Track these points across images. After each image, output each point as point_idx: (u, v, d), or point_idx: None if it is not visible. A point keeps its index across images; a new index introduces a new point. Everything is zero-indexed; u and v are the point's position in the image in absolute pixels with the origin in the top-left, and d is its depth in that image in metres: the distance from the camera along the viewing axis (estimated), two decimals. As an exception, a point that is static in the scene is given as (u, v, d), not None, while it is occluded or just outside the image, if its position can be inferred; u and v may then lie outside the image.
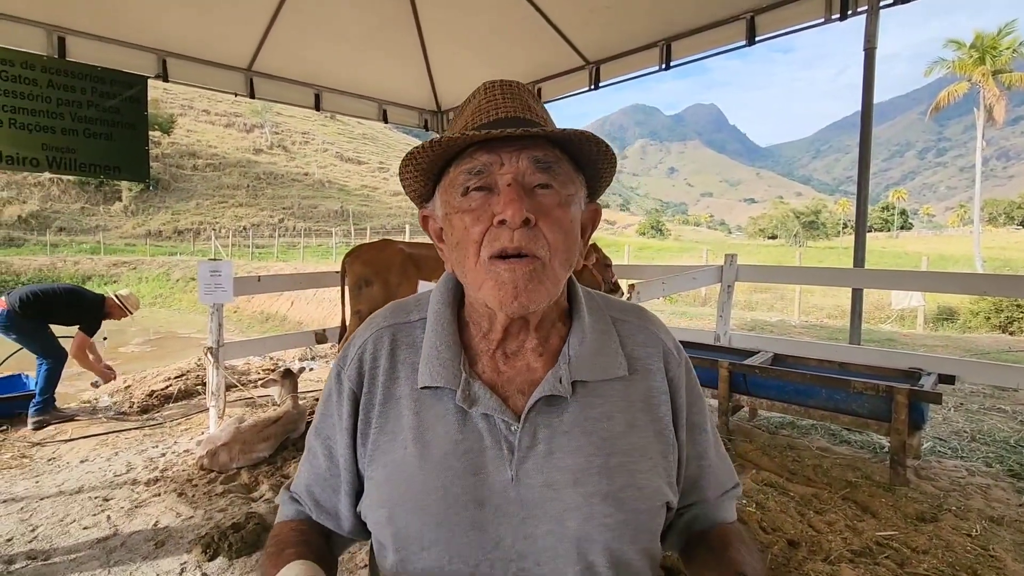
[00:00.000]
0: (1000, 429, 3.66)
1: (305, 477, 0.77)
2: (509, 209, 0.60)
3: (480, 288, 0.65)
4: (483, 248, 0.63)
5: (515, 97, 0.68)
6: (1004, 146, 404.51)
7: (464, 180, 0.64)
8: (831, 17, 3.29)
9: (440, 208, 0.70)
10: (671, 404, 0.73)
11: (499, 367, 0.70)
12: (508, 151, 0.63)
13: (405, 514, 0.64)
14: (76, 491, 2.70)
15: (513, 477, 0.64)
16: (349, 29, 4.47)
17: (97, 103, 3.92)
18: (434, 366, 0.68)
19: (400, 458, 0.66)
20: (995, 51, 33.41)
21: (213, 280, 3.36)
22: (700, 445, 0.76)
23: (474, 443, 0.65)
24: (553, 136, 0.63)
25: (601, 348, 0.70)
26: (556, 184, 0.64)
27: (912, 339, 8.50)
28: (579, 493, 0.63)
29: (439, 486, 0.63)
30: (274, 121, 63.00)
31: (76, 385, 5.67)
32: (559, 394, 0.66)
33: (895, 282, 4.27)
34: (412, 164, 0.67)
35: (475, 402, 0.66)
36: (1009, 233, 64.97)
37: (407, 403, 0.69)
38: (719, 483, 0.78)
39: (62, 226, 35.98)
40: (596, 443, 0.66)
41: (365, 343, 0.74)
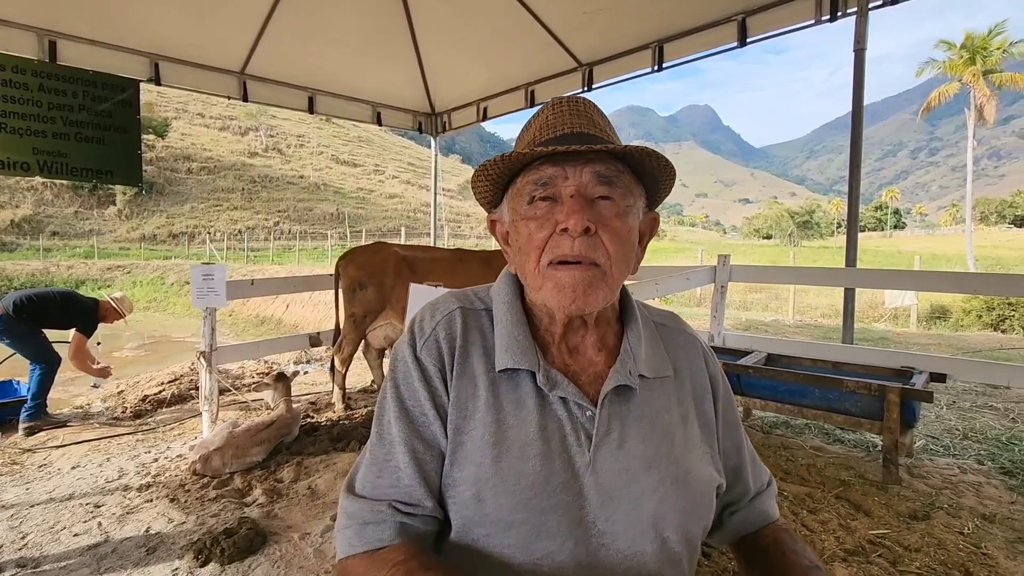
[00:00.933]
0: (992, 427, 3.68)
1: (406, 468, 0.68)
2: (572, 219, 0.65)
3: (540, 290, 0.70)
4: (545, 254, 0.69)
5: (581, 113, 0.73)
6: (995, 145, 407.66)
7: (531, 190, 0.70)
8: (821, 18, 3.31)
9: (508, 214, 0.76)
10: (712, 400, 0.80)
11: (565, 360, 0.74)
12: (573, 165, 0.68)
13: (495, 495, 0.66)
14: (67, 497, 2.68)
15: (591, 461, 0.68)
16: (342, 32, 4.47)
17: (89, 107, 3.91)
18: (515, 351, 0.71)
19: (480, 437, 0.68)
20: (985, 51, 33.68)
21: (206, 284, 3.34)
22: (737, 438, 0.83)
23: (555, 427, 0.69)
24: (615, 151, 0.68)
25: (653, 350, 0.77)
26: (616, 196, 0.69)
27: (905, 338, 8.55)
28: (653, 478, 0.69)
29: (528, 468, 0.66)
30: (269, 124, 62.84)
31: (69, 390, 5.63)
32: (630, 384, 0.71)
33: (887, 281, 4.30)
34: (484, 175, 0.73)
35: (555, 385, 0.70)
36: (1001, 232, 65.44)
37: (482, 383, 0.71)
38: (759, 476, 0.85)
39: (55, 230, 35.74)
40: (661, 433, 0.72)
41: (439, 324, 0.76)
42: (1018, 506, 2.53)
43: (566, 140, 0.69)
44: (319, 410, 4.11)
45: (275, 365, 5.67)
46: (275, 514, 2.50)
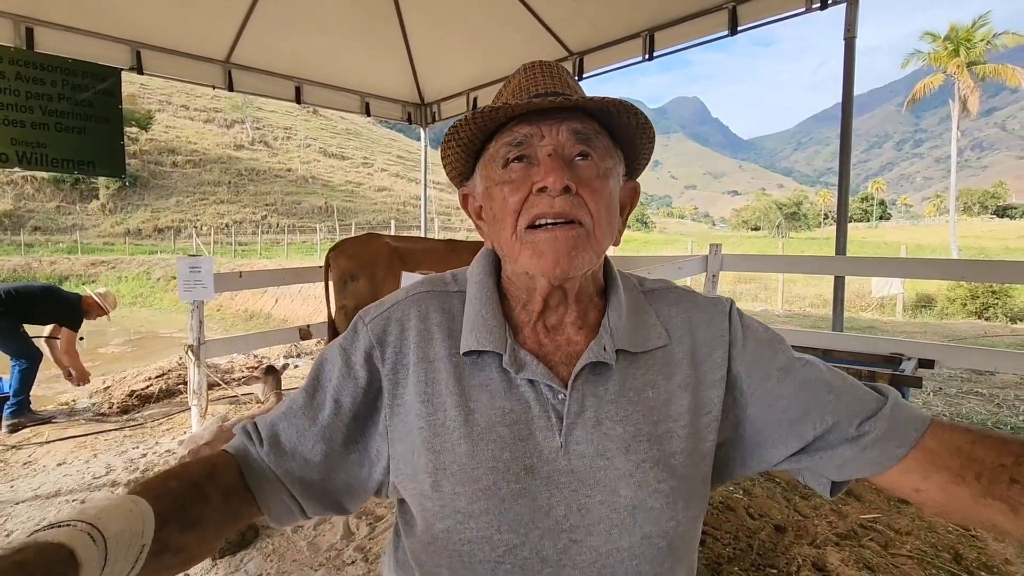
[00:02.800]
0: (978, 412, 3.74)
1: (278, 411, 0.70)
2: (551, 176, 0.61)
3: (518, 258, 0.65)
4: (521, 217, 0.64)
5: (554, 75, 0.69)
6: (978, 137, 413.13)
7: (504, 152, 0.65)
8: (812, 6, 3.30)
9: (480, 183, 0.71)
10: (728, 346, 0.69)
11: (541, 339, 0.70)
12: (548, 123, 0.64)
13: (452, 483, 0.62)
14: (53, 495, 2.64)
15: (562, 444, 0.63)
16: (330, 20, 4.39)
17: (69, 96, 3.80)
18: (480, 331, 0.67)
19: (441, 422, 0.65)
20: (969, 43, 34.04)
21: (193, 277, 3.29)
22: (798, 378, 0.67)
23: (521, 410, 0.64)
24: (591, 106, 0.64)
25: (639, 322, 0.70)
26: (595, 155, 0.65)
27: (892, 326, 8.67)
28: (630, 460, 0.62)
29: (489, 455, 0.62)
30: (255, 116, 61.96)
31: (54, 387, 5.54)
32: (605, 361, 0.66)
33: (877, 269, 4.34)
34: (455, 138, 0.68)
35: (522, 367, 0.65)
36: (983, 222, 66.50)
37: (444, 366, 0.67)
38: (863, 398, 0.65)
39: (37, 225, 35.07)
40: (642, 411, 0.65)
41: (398, 303, 0.73)
42: (1004, 489, 2.57)
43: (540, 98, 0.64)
44: (310, 403, 4.08)
45: (265, 359, 5.62)
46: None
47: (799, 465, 0.69)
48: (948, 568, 1.96)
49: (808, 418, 0.65)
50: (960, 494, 0.58)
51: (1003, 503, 0.56)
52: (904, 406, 0.65)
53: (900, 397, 0.67)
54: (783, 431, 0.67)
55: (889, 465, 0.62)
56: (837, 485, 0.68)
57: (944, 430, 0.62)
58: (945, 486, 0.60)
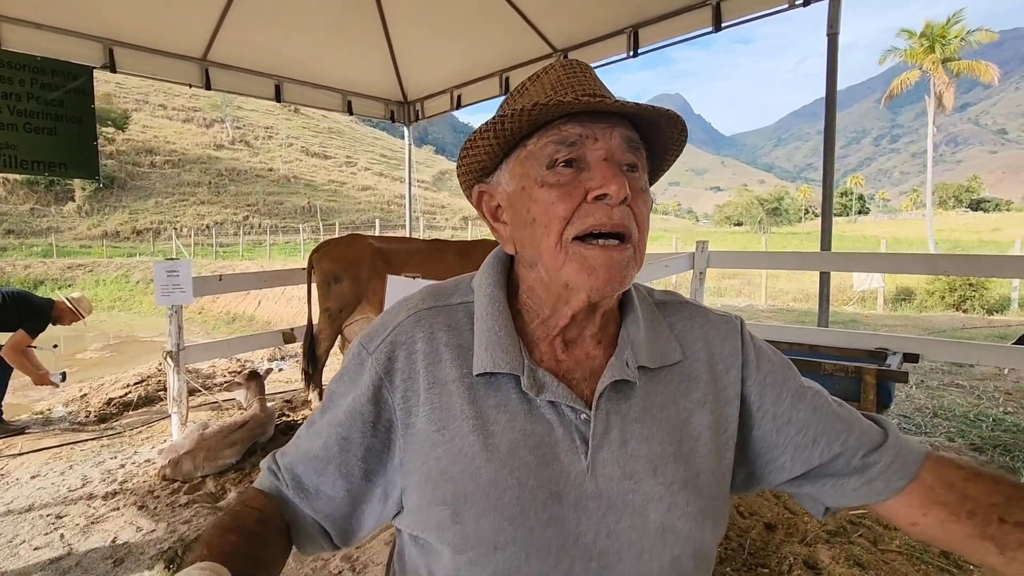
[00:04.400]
0: (959, 404, 3.80)
1: (294, 450, 0.69)
2: (614, 184, 0.57)
3: (561, 269, 0.60)
4: (571, 226, 0.59)
5: (594, 78, 0.65)
6: (953, 132, 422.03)
7: (552, 151, 0.60)
8: (795, 3, 3.30)
9: (512, 182, 0.65)
10: (741, 365, 0.69)
11: (558, 355, 0.66)
12: (601, 127, 0.60)
13: (475, 513, 0.58)
14: (26, 509, 2.54)
15: (588, 467, 0.60)
16: (310, 17, 4.30)
17: (38, 96, 3.68)
18: (495, 351, 0.62)
19: (458, 449, 0.60)
20: (944, 40, 34.70)
21: (171, 281, 3.20)
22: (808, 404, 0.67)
23: (544, 432, 0.61)
24: (646, 115, 0.60)
25: (655, 336, 0.68)
26: (640, 167, 0.62)
27: (874, 319, 8.80)
28: (659, 482, 0.60)
29: (513, 481, 0.58)
30: (235, 115, 60.99)
31: (29, 395, 5.38)
32: (628, 379, 0.63)
33: (861, 265, 4.39)
34: (497, 130, 0.62)
35: (542, 389, 0.62)
36: (958, 215, 68.02)
37: (457, 388, 0.63)
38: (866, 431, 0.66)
39: (10, 228, 34.14)
40: (667, 429, 0.63)
41: (401, 325, 0.67)
42: (989, 481, 2.60)
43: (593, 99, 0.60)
44: (295, 408, 4.01)
45: (248, 363, 5.51)
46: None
47: (799, 489, 0.70)
48: (937, 563, 1.98)
49: (816, 445, 0.66)
50: (955, 531, 0.60)
51: (992, 543, 0.57)
52: (904, 439, 0.67)
53: (898, 429, 0.69)
54: (789, 455, 0.67)
55: (889, 496, 0.64)
56: (829, 508, 0.70)
57: (940, 465, 0.64)
58: (942, 522, 0.61)
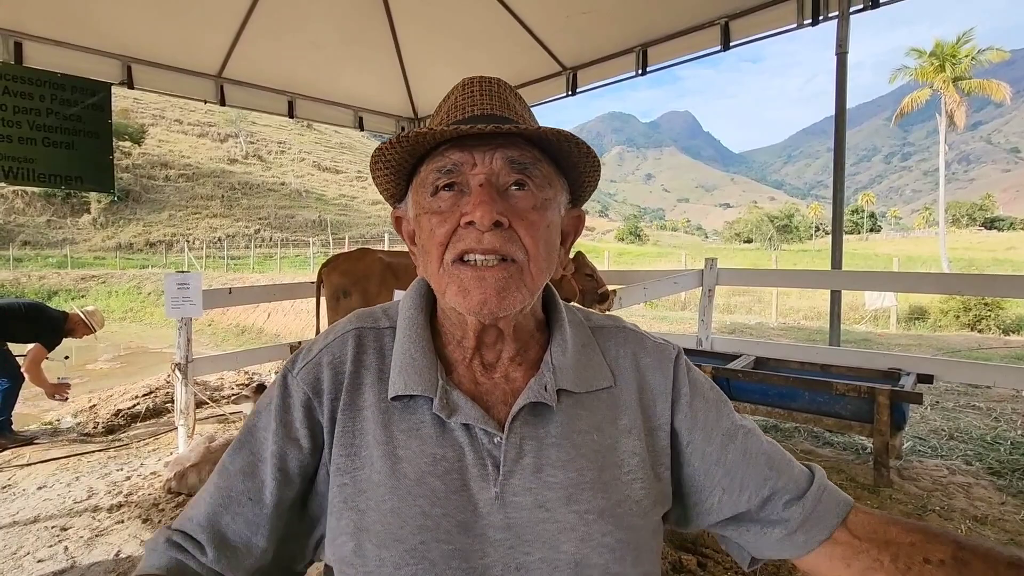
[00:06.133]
0: (976, 426, 3.71)
1: (209, 504, 0.61)
2: (479, 210, 0.56)
3: (444, 293, 0.60)
4: (448, 250, 0.59)
5: (494, 95, 0.64)
6: (965, 150, 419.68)
7: (434, 179, 0.60)
8: (803, 22, 3.32)
9: (411, 209, 0.65)
10: (670, 397, 0.66)
11: (477, 378, 0.64)
12: (482, 150, 0.58)
13: (376, 546, 0.55)
14: (32, 520, 2.54)
15: (497, 495, 0.57)
16: (322, 35, 4.39)
17: (57, 111, 3.76)
18: (409, 374, 0.61)
19: (366, 478, 0.58)
20: (954, 59, 34.72)
21: (181, 293, 3.22)
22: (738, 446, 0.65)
23: (455, 458, 0.58)
24: (528, 135, 0.59)
25: (585, 360, 0.66)
26: (532, 185, 0.60)
27: (887, 339, 8.67)
28: (573, 511, 0.57)
29: (417, 511, 0.56)
30: (249, 130, 62.08)
31: (39, 405, 5.42)
32: (545, 402, 0.60)
33: (874, 283, 4.34)
34: (381, 160, 0.62)
35: (454, 411, 0.60)
36: (972, 234, 67.30)
37: (372, 414, 0.61)
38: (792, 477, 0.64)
39: (27, 240, 34.79)
40: (587, 455, 0.60)
41: (328, 345, 0.65)
42: (1008, 507, 2.53)
43: (475, 122, 0.58)
44: (301, 422, 4.00)
45: (255, 376, 5.52)
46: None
47: (724, 533, 0.68)
48: None
49: (743, 490, 0.64)
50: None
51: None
52: (829, 488, 0.65)
53: (825, 476, 0.67)
54: (716, 497, 0.65)
55: (811, 548, 0.62)
56: (755, 559, 0.67)
57: (862, 514, 0.63)
58: (866, 571, 0.59)
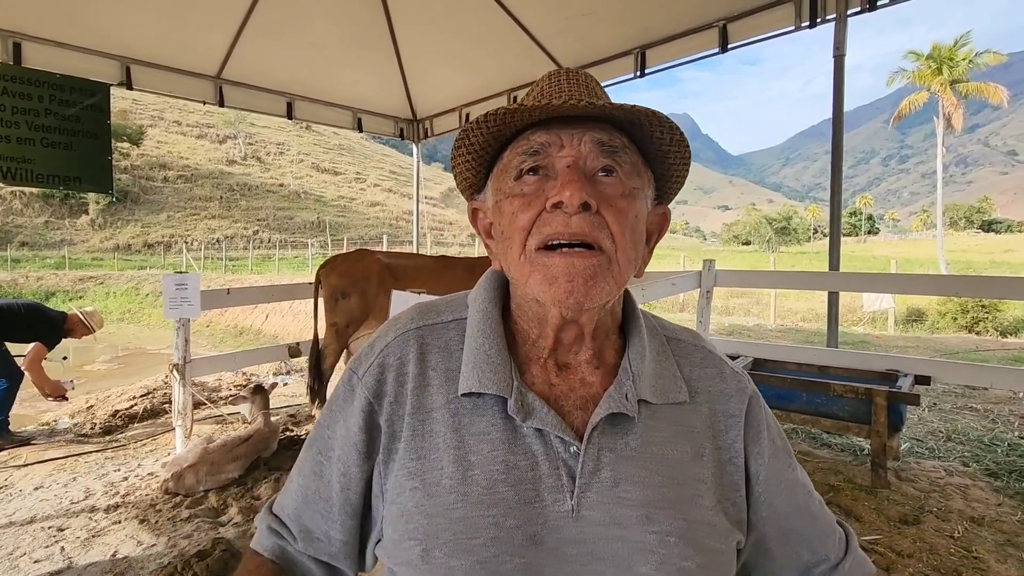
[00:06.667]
0: (973, 428, 3.72)
1: (294, 498, 0.66)
2: (567, 190, 0.53)
3: (527, 282, 0.57)
4: (531, 236, 0.56)
5: (581, 84, 0.62)
6: (962, 153, 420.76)
7: (519, 162, 0.58)
8: (801, 25, 3.34)
9: (491, 197, 0.63)
10: (744, 431, 0.64)
11: (551, 379, 0.62)
12: (569, 132, 0.57)
13: (445, 555, 0.53)
14: (28, 521, 2.53)
15: (573, 508, 0.55)
16: (322, 37, 4.40)
17: (56, 111, 3.76)
18: (483, 370, 0.59)
19: (435, 481, 0.56)
20: (952, 62, 34.83)
21: (179, 294, 3.22)
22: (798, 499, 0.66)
23: (527, 466, 0.56)
24: (619, 115, 0.56)
25: (661, 369, 0.63)
26: (621, 172, 0.57)
27: (884, 340, 8.68)
28: (651, 532, 0.54)
29: (489, 521, 0.54)
30: (248, 132, 62.05)
31: (36, 406, 5.40)
32: (626, 412, 0.58)
33: (871, 284, 4.35)
34: (465, 144, 0.60)
35: (530, 414, 0.57)
36: (969, 236, 67.50)
37: (441, 415, 0.59)
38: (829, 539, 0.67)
39: (25, 240, 34.70)
40: (665, 471, 0.58)
41: (388, 346, 0.64)
42: (1005, 508, 2.54)
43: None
44: (299, 423, 3.99)
45: (253, 377, 5.52)
46: (252, 534, 2.38)
47: None
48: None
49: (795, 550, 0.66)
50: None
51: None
52: (859, 554, 0.68)
53: (856, 541, 0.69)
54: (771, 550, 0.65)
55: None
56: None
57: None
58: None
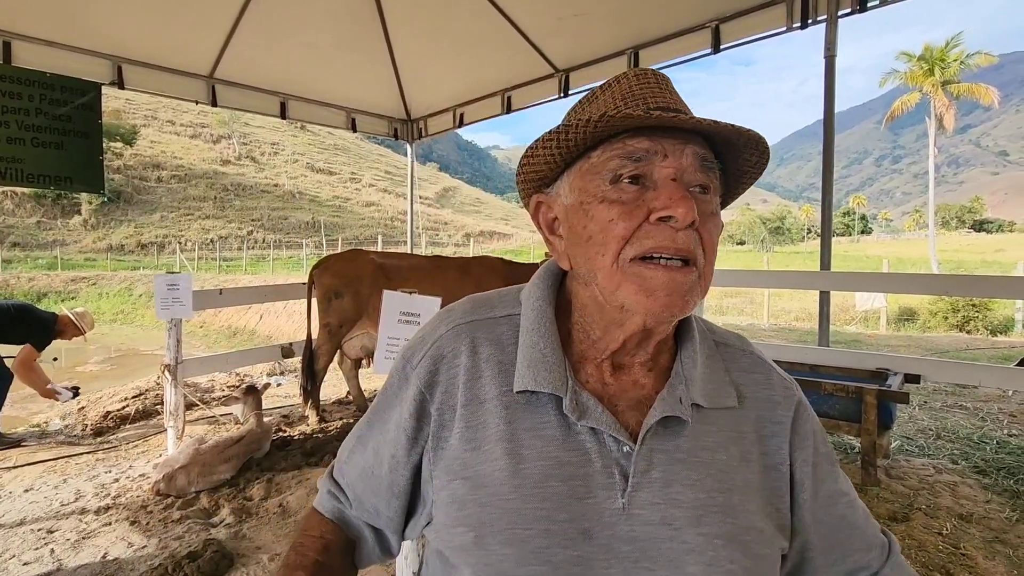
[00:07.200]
0: (963, 426, 3.75)
1: (354, 468, 0.72)
2: (681, 207, 0.53)
3: (617, 290, 0.57)
4: (629, 246, 0.55)
5: (670, 90, 0.61)
6: (954, 153, 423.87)
7: (617, 166, 0.56)
8: (792, 26, 3.35)
9: (570, 195, 0.61)
10: (790, 438, 0.65)
11: (604, 379, 0.62)
12: (671, 142, 0.56)
13: (498, 543, 0.55)
14: (17, 523, 2.52)
15: (624, 507, 0.56)
16: (315, 36, 4.38)
17: (46, 111, 3.74)
18: (539, 369, 0.59)
19: (488, 472, 0.58)
20: (943, 63, 35.09)
21: (171, 294, 3.21)
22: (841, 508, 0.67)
23: (579, 463, 0.57)
24: (727, 133, 0.56)
25: (711, 374, 0.64)
26: (712, 188, 0.58)
27: (876, 340, 8.74)
28: (701, 534, 0.56)
29: (542, 514, 0.55)
30: (242, 132, 61.76)
31: (28, 407, 5.37)
32: (680, 416, 0.59)
33: (862, 284, 4.38)
34: (560, 140, 0.58)
35: (584, 413, 0.58)
36: (961, 236, 68.04)
37: (494, 407, 0.60)
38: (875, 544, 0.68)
39: (16, 241, 34.39)
40: (715, 476, 0.59)
41: (442, 338, 0.65)
42: (993, 505, 2.56)
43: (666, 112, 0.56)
44: (292, 423, 3.98)
45: (246, 377, 5.50)
46: (244, 534, 2.38)
47: None
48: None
49: (837, 558, 0.66)
50: None
51: None
52: (901, 562, 0.68)
53: (899, 548, 0.69)
54: (813, 558, 0.66)
55: None
56: None
57: None
58: None
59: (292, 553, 0.68)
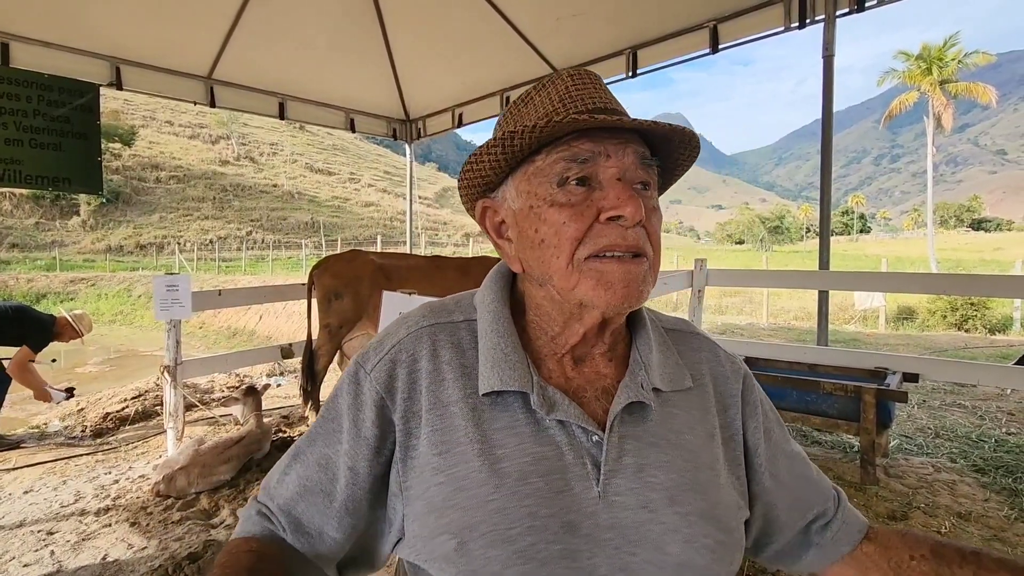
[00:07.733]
0: (961, 424, 3.76)
1: (290, 490, 0.64)
2: (629, 206, 0.55)
3: (574, 288, 0.58)
4: (583, 246, 0.57)
5: (604, 89, 0.63)
6: (952, 152, 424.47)
7: (563, 169, 0.58)
8: (790, 25, 3.36)
9: (517, 199, 0.62)
10: (741, 408, 0.69)
11: (567, 373, 0.63)
12: (613, 143, 0.57)
13: (482, 545, 0.54)
14: (17, 525, 2.52)
15: (600, 495, 0.57)
16: (314, 37, 4.38)
17: (44, 112, 3.74)
18: (503, 369, 0.60)
19: (465, 474, 0.57)
20: (941, 62, 35.14)
21: (170, 295, 3.21)
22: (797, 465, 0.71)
23: (554, 456, 0.58)
24: (662, 131, 0.59)
25: (665, 359, 0.66)
26: (652, 185, 0.61)
27: (875, 339, 8.76)
28: (677, 513, 0.57)
29: (525, 512, 0.55)
30: (241, 132, 61.73)
31: (27, 408, 5.36)
32: (644, 400, 0.61)
33: (860, 283, 4.38)
34: (502, 147, 0.59)
35: (552, 407, 0.59)
36: (959, 235, 68.17)
37: (459, 410, 0.60)
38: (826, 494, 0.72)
39: (15, 242, 34.35)
40: (684, 455, 0.61)
41: (400, 342, 0.64)
42: (991, 504, 2.57)
43: (601, 114, 0.57)
44: (291, 424, 3.99)
45: (247, 378, 5.50)
46: (244, 535, 2.38)
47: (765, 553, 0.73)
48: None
49: (798, 513, 0.70)
50: None
51: None
52: (850, 508, 0.72)
53: (845, 495, 0.74)
54: (779, 517, 0.69)
55: (832, 561, 0.69)
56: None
57: (878, 531, 0.70)
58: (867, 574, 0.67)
59: (218, 569, 0.58)
